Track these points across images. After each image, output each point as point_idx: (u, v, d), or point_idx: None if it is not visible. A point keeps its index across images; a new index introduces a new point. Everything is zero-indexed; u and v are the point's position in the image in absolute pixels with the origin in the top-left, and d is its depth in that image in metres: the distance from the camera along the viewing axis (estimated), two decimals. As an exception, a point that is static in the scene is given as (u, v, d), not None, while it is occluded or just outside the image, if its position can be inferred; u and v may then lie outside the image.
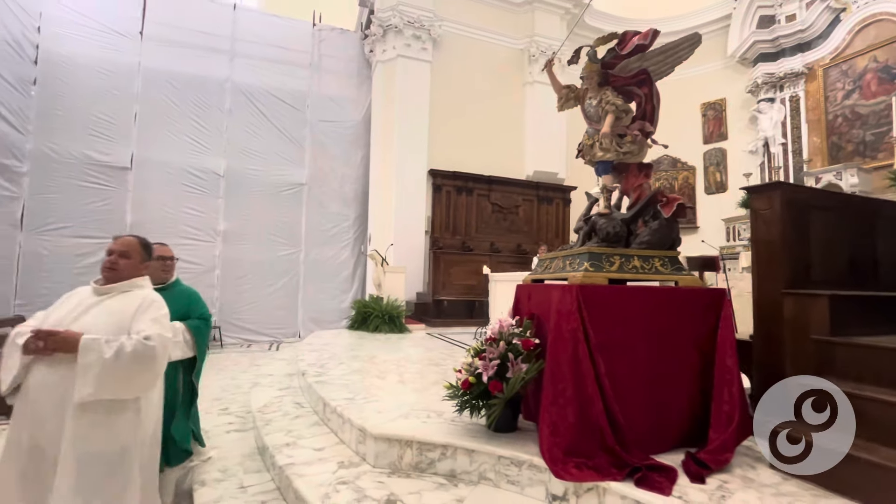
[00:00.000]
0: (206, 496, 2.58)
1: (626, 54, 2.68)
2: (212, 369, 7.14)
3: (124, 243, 1.99)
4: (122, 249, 1.96)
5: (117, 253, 1.95)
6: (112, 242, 1.99)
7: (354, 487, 2.28)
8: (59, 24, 9.21)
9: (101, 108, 9.30)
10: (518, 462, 2.27)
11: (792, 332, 2.55)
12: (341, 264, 11.05)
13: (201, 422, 2.84)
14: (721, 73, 12.74)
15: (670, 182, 13.62)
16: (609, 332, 2.25)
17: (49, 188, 8.88)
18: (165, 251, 2.71)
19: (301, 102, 10.85)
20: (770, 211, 2.69)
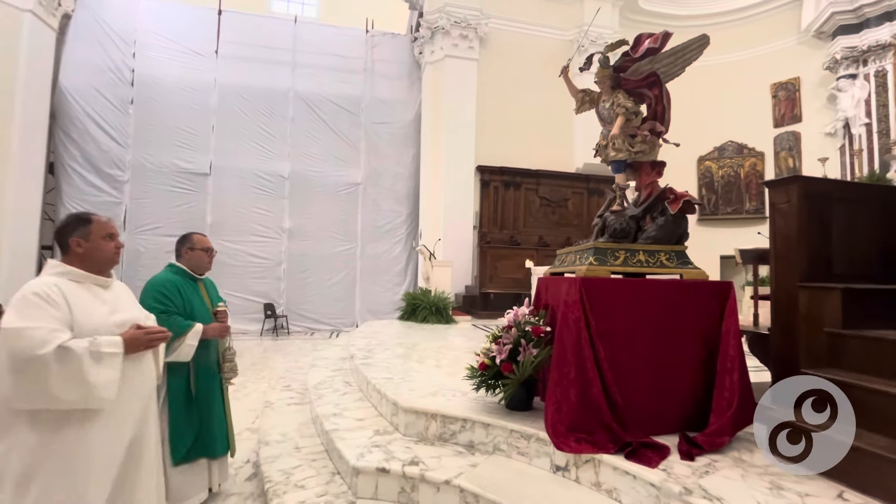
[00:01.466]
0: (268, 452, 3.10)
1: (638, 57, 2.81)
2: (278, 353, 7.98)
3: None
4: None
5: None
6: (112, 226, 1.83)
7: (385, 450, 2.67)
8: (150, 49, 10.53)
9: (184, 122, 10.54)
10: (527, 436, 2.53)
11: (806, 325, 2.57)
12: (394, 259, 11.65)
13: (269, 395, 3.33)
14: (794, 50, 11.78)
15: (735, 169, 12.82)
16: (610, 321, 2.44)
17: (145, 194, 10.24)
18: (209, 242, 2.75)
19: (356, 106, 11.54)
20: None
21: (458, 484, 2.29)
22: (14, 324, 1.45)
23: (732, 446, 2.30)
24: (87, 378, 1.49)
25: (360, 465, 2.50)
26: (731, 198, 12.66)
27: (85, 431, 1.56)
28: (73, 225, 1.72)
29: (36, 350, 1.43)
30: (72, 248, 1.70)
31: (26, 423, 1.49)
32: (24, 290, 1.55)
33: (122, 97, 10.27)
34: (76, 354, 1.48)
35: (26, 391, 1.45)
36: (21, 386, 1.44)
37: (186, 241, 2.63)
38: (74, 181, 9.95)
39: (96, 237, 1.73)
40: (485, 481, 2.32)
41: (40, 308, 1.51)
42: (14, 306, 1.50)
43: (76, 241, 1.70)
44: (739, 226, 12.02)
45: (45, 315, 1.50)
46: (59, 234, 1.73)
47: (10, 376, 1.44)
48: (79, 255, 1.70)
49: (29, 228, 9.41)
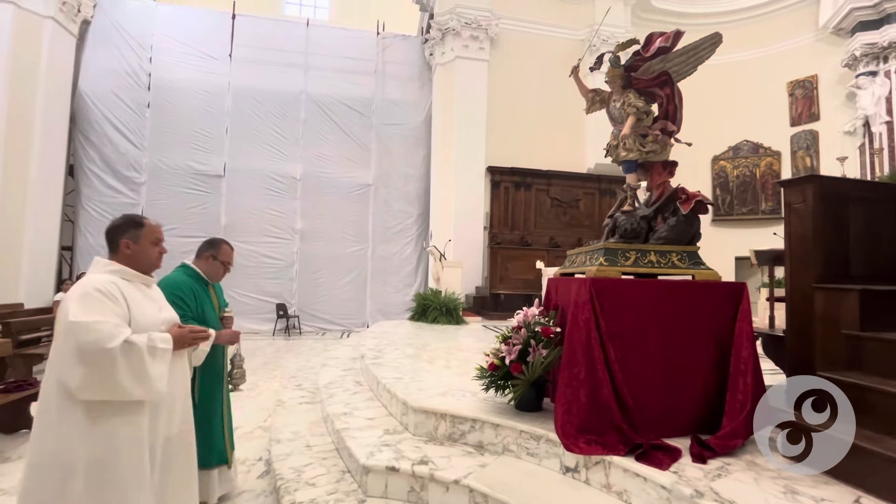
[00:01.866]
0: (280, 450, 3.14)
1: (649, 57, 2.79)
2: (290, 353, 8.06)
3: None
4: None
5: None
6: (161, 232, 1.89)
7: (395, 449, 2.69)
8: (166, 53, 10.73)
9: (199, 124, 10.72)
10: (536, 437, 2.53)
11: (823, 327, 2.53)
12: (405, 259, 11.69)
13: (281, 394, 3.35)
14: (811, 48, 11.55)
15: (751, 169, 12.61)
16: (621, 321, 2.42)
17: (161, 195, 10.43)
18: (232, 258, 2.74)
19: (367, 108, 11.61)
20: (803, 205, 2.66)
21: (468, 484, 2.30)
22: (82, 318, 1.50)
23: (745, 449, 2.27)
24: (148, 371, 1.57)
25: (369, 463, 2.52)
26: (747, 198, 12.46)
27: (136, 423, 1.61)
28: (126, 226, 1.78)
29: (106, 343, 1.49)
30: (121, 249, 1.76)
31: (83, 413, 1.53)
32: (85, 286, 1.59)
33: (139, 101, 10.49)
34: (139, 349, 1.55)
35: (94, 382, 1.50)
36: (90, 377, 1.49)
37: (213, 248, 2.61)
38: (93, 183, 10.18)
39: (145, 241, 1.80)
40: (494, 482, 2.32)
41: (103, 304, 1.57)
42: (77, 301, 1.54)
43: (126, 243, 1.76)
44: (755, 226, 11.83)
45: (108, 310, 1.56)
46: (112, 232, 1.78)
47: (79, 368, 1.48)
48: (126, 256, 1.76)
49: (49, 229, 9.64)
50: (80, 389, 1.49)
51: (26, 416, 3.97)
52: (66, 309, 1.53)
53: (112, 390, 1.52)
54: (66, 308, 1.53)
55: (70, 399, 1.51)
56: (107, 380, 1.50)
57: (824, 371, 2.43)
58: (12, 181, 8.84)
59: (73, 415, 1.51)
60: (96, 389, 1.51)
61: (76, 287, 1.60)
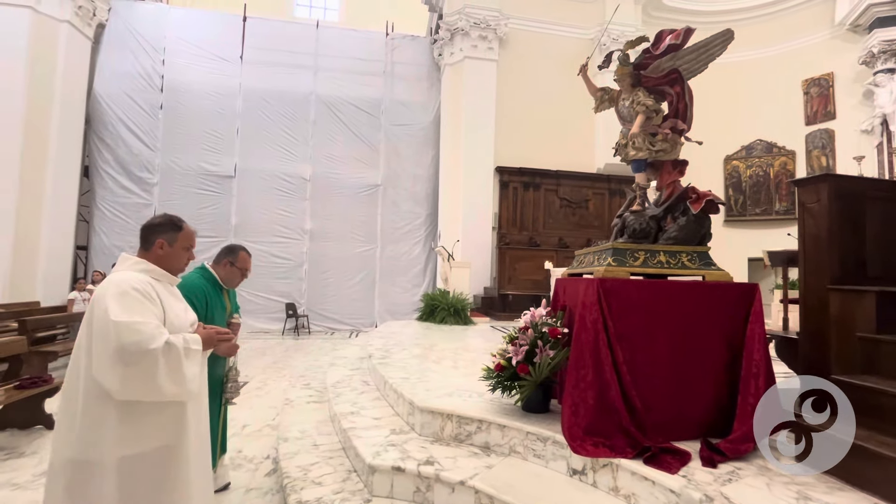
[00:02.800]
0: (287, 448, 3.15)
1: (659, 54, 2.75)
2: (299, 352, 8.11)
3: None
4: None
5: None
6: (194, 239, 1.89)
7: (401, 449, 2.68)
8: (179, 55, 10.87)
9: (210, 126, 10.84)
10: (543, 438, 2.50)
11: (838, 330, 2.47)
12: (413, 260, 11.70)
13: (289, 393, 3.36)
14: (827, 45, 11.34)
15: (765, 169, 12.41)
16: (629, 322, 2.39)
17: (173, 195, 10.57)
18: (250, 265, 2.75)
19: (376, 109, 11.64)
20: (818, 205, 2.61)
21: (474, 485, 2.29)
22: (124, 317, 1.48)
23: (757, 454, 2.23)
24: (185, 372, 1.56)
25: (375, 463, 2.52)
26: (760, 198, 12.26)
27: (171, 418, 1.62)
28: (165, 226, 1.77)
29: (149, 344, 1.47)
30: (154, 248, 1.74)
31: (117, 410, 1.51)
32: (121, 284, 1.56)
33: (152, 102, 10.64)
34: (178, 350, 1.54)
35: (135, 383, 1.48)
36: (130, 378, 1.46)
37: (232, 255, 2.62)
38: (107, 183, 10.34)
39: (179, 246, 1.79)
40: (500, 483, 2.30)
41: (143, 304, 1.55)
42: (117, 300, 1.50)
43: (161, 243, 1.74)
44: (768, 227, 11.64)
45: (147, 311, 1.54)
46: (149, 230, 1.76)
47: (120, 368, 1.45)
48: (158, 256, 1.74)
49: (65, 229, 9.82)
50: (119, 390, 1.47)
51: (41, 413, 4.04)
52: (104, 306, 1.49)
53: (151, 391, 1.50)
54: (103, 305, 1.49)
55: (104, 396, 1.49)
56: (147, 381, 1.49)
57: (839, 374, 2.38)
58: (30, 182, 9.02)
59: (107, 412, 1.49)
60: (136, 390, 1.49)
61: (111, 285, 1.56)
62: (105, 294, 1.53)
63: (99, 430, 1.48)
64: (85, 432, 1.48)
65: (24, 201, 8.94)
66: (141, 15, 10.93)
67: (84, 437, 1.48)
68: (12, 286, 8.66)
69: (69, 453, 1.49)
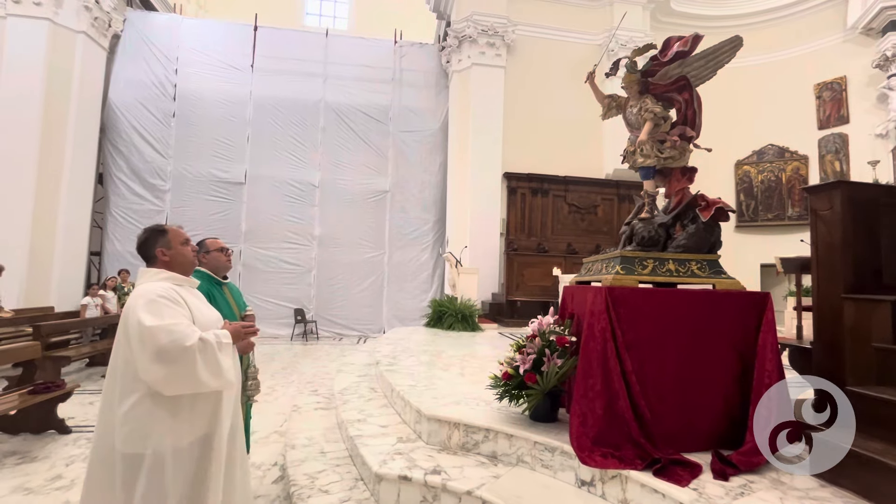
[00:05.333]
0: (295, 455, 3.16)
1: (666, 61, 2.74)
2: (307, 357, 8.14)
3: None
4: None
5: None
6: (185, 233, 1.97)
7: (408, 458, 2.67)
8: (191, 65, 11.06)
9: (221, 133, 10.99)
10: (551, 448, 2.48)
11: (852, 340, 2.42)
12: (421, 266, 11.71)
13: (297, 399, 3.37)
14: (840, 48, 11.21)
15: (777, 174, 12.25)
16: (638, 332, 2.36)
17: (184, 202, 10.71)
18: (222, 242, 2.72)
19: (384, 115, 11.73)
20: (830, 212, 2.57)
21: (481, 495, 2.27)
22: (158, 322, 1.61)
23: (770, 466, 2.18)
24: (221, 364, 1.69)
25: (382, 472, 2.51)
26: (772, 204, 12.11)
27: (214, 411, 1.75)
28: (153, 238, 1.87)
29: (185, 342, 1.60)
30: (158, 258, 1.85)
31: (163, 409, 1.64)
32: (147, 294, 1.68)
33: (165, 111, 10.82)
34: (211, 344, 1.68)
35: (179, 379, 1.61)
36: (174, 375, 1.60)
37: (201, 248, 2.63)
38: (121, 190, 10.52)
39: (176, 244, 1.89)
40: (507, 493, 2.28)
41: (171, 308, 1.68)
42: (146, 309, 1.63)
43: (161, 251, 1.85)
44: (781, 233, 11.47)
45: (177, 313, 1.68)
46: (143, 247, 1.87)
47: (162, 368, 1.58)
48: (166, 263, 1.85)
49: (80, 236, 9.99)
50: (166, 387, 1.61)
51: (53, 418, 4.09)
52: (136, 318, 1.61)
53: (195, 384, 1.64)
54: (136, 317, 1.62)
55: (153, 396, 1.62)
56: (190, 375, 1.61)
57: (854, 385, 2.33)
58: (46, 189, 9.20)
59: (156, 407, 1.63)
60: (181, 385, 1.63)
61: (137, 297, 1.68)
62: (136, 306, 1.65)
63: (152, 424, 1.62)
64: (141, 428, 1.62)
65: (41, 208, 9.12)
66: (155, 25, 11.16)
67: (141, 433, 1.61)
68: (28, 291, 8.82)
69: (131, 448, 1.61)
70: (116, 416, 1.64)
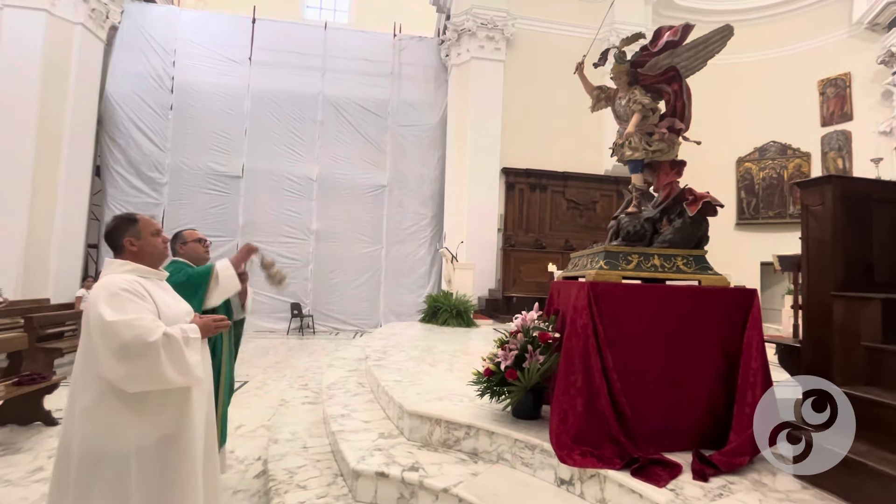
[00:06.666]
0: (276, 450, 3.13)
1: (656, 52, 2.67)
2: (303, 351, 8.12)
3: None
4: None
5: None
6: (157, 223, 1.89)
7: (387, 454, 2.63)
8: (189, 57, 10.99)
9: (219, 126, 10.94)
10: (531, 446, 2.43)
11: (841, 338, 2.36)
12: (419, 261, 11.66)
13: (284, 394, 3.31)
14: (844, 44, 11.04)
15: (778, 171, 12.12)
16: (620, 328, 2.31)
17: (182, 195, 10.68)
18: (199, 233, 2.71)
19: (383, 109, 11.64)
20: (821, 207, 2.51)
21: (457, 493, 2.23)
22: (119, 317, 1.54)
23: (752, 467, 2.13)
24: (188, 360, 1.63)
25: (360, 468, 2.47)
26: (774, 201, 11.99)
27: (182, 408, 1.69)
28: (122, 226, 1.80)
29: (148, 337, 1.54)
30: (126, 248, 1.78)
31: (126, 407, 1.59)
32: (109, 287, 1.61)
33: (163, 103, 10.77)
34: (177, 340, 1.61)
35: (142, 375, 1.56)
36: (136, 372, 1.55)
37: (178, 239, 2.61)
38: (118, 183, 10.49)
39: (146, 234, 1.82)
40: (484, 491, 2.24)
41: (134, 302, 1.61)
42: (107, 302, 1.57)
43: (129, 241, 1.78)
44: (782, 230, 11.35)
45: (140, 307, 1.61)
46: (111, 236, 1.80)
47: (125, 364, 1.53)
48: (134, 254, 1.78)
49: (77, 228, 9.98)
50: (128, 384, 1.55)
51: (40, 409, 4.07)
52: (97, 312, 1.55)
53: (158, 380, 1.58)
54: (96, 311, 1.55)
55: (115, 393, 1.57)
56: (153, 372, 1.55)
57: (842, 385, 2.27)
58: (43, 181, 9.19)
59: (120, 405, 1.58)
60: (144, 382, 1.57)
61: (100, 289, 1.61)
62: (97, 299, 1.60)
63: (114, 423, 1.57)
64: (102, 427, 1.57)
65: (38, 200, 9.11)
66: (153, 17, 11.09)
67: (102, 432, 1.56)
68: (25, 283, 8.83)
69: (90, 448, 1.56)
70: (76, 413, 1.59)
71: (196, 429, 1.73)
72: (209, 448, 1.88)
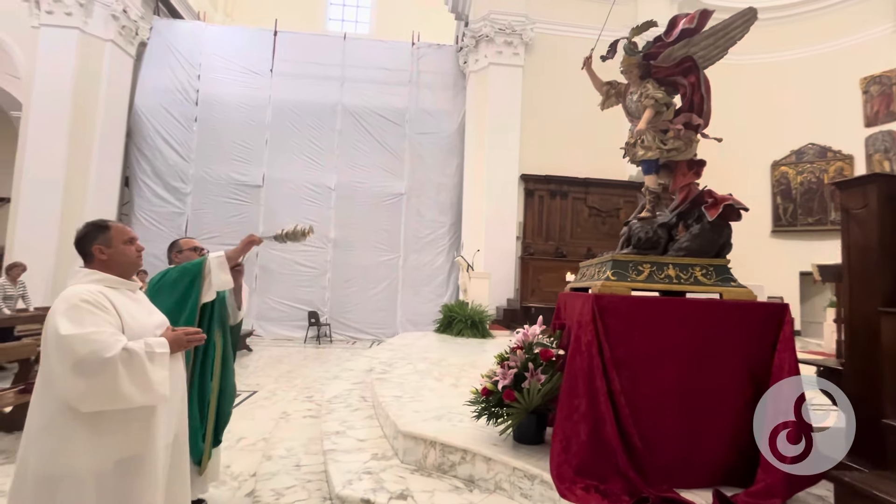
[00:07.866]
0: (268, 468, 2.99)
1: (671, 42, 2.43)
2: (316, 361, 8.04)
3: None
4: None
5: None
6: (131, 230, 1.80)
7: (376, 478, 2.45)
8: (213, 70, 11.27)
9: (241, 137, 11.14)
10: (531, 476, 2.20)
11: (892, 362, 2.04)
12: (436, 269, 11.49)
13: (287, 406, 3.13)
14: (889, 39, 10.34)
15: (818, 175, 11.39)
16: (629, 347, 2.07)
17: (204, 205, 10.90)
18: (196, 242, 2.70)
19: (401, 118, 11.62)
20: (865, 210, 2.20)
21: (445, 527, 2.02)
22: (75, 330, 1.45)
23: (786, 511, 1.84)
24: (150, 377, 1.53)
25: (344, 493, 2.30)
26: (813, 207, 11.27)
27: (146, 428, 1.59)
28: (92, 233, 1.72)
29: (105, 353, 1.45)
30: (95, 256, 1.69)
31: (88, 423, 1.49)
32: (70, 298, 1.53)
33: (188, 115, 11.07)
34: (139, 355, 1.52)
35: (97, 394, 1.46)
36: (92, 390, 1.45)
37: (174, 247, 2.58)
38: (145, 193, 10.80)
39: (118, 242, 1.73)
40: (475, 527, 2.03)
41: (94, 314, 1.52)
42: (65, 315, 1.48)
43: (99, 249, 1.69)
44: (822, 238, 10.64)
45: (100, 320, 1.52)
46: (80, 243, 1.71)
47: (80, 381, 1.44)
48: (103, 262, 1.69)
49: (105, 237, 10.28)
50: (82, 403, 1.46)
51: (46, 417, 4.07)
52: (54, 324, 1.46)
53: (115, 400, 1.48)
54: (53, 323, 1.47)
55: (72, 411, 1.47)
56: (110, 390, 1.46)
57: (893, 418, 1.96)
58: (74, 192, 9.54)
59: (77, 426, 1.48)
60: (100, 400, 1.48)
61: (60, 301, 1.52)
62: (55, 312, 1.50)
63: (71, 443, 1.47)
64: (58, 447, 1.47)
65: (68, 210, 9.44)
66: (180, 33, 11.45)
67: (58, 453, 1.47)
68: (54, 291, 9.13)
69: (45, 470, 1.46)
70: (32, 432, 1.49)
71: (158, 451, 1.61)
72: (180, 470, 1.76)
